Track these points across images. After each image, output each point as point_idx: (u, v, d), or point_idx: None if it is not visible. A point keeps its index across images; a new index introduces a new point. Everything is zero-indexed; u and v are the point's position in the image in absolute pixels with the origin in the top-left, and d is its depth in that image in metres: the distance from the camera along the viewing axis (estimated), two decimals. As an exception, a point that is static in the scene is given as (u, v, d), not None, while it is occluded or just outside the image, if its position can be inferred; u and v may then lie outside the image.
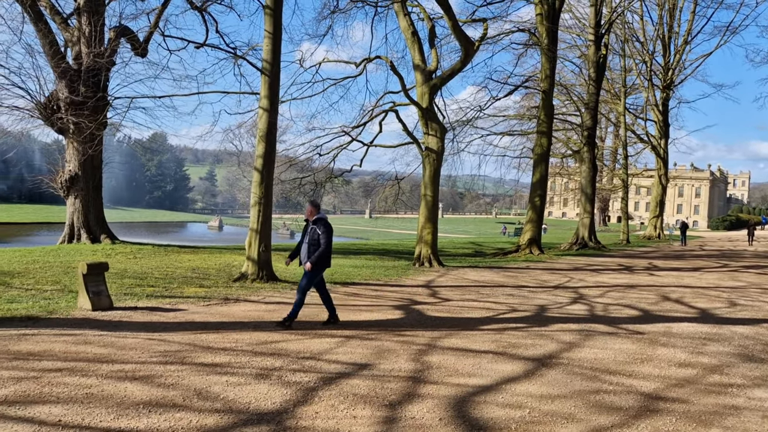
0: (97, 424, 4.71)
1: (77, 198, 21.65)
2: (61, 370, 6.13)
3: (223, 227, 63.16)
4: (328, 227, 8.97)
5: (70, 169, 21.63)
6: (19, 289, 11.63)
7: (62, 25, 21.49)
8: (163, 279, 13.90)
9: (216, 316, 9.70)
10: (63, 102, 20.49)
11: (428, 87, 20.08)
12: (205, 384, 5.86)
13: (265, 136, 14.12)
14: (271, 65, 14.16)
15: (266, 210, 14.21)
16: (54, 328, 8.18)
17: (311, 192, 23.70)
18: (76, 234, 21.82)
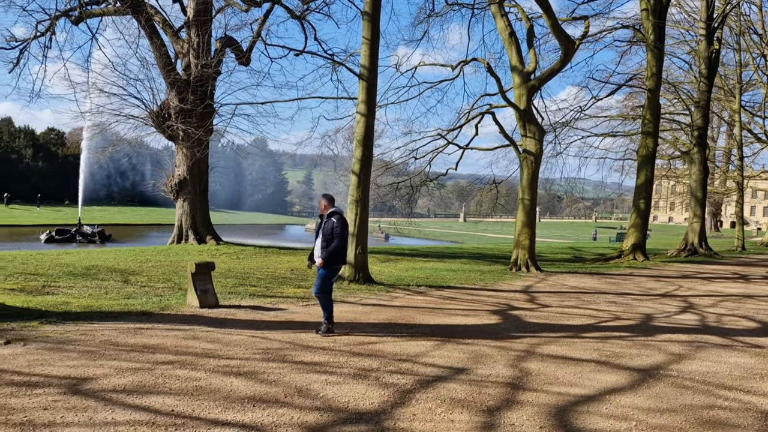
0: (206, 415, 4.93)
1: (185, 201, 22.88)
2: (172, 363, 6.47)
3: (320, 230, 64.71)
4: (342, 221, 8.44)
5: (179, 174, 22.90)
6: (135, 286, 12.43)
7: (173, 38, 22.81)
8: (264, 279, 14.42)
9: (314, 316, 9.92)
10: (173, 110, 21.73)
11: (526, 88, 19.67)
12: (305, 382, 6.00)
13: (362, 141, 14.34)
14: (369, 70, 14.36)
15: (363, 213, 14.41)
16: (166, 324, 8.67)
17: (407, 196, 23.82)
18: (184, 235, 23.07)
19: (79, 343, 7.24)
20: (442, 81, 23.11)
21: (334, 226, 8.28)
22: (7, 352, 6.66)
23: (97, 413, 4.85)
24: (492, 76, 19.83)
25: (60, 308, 9.35)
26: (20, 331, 7.68)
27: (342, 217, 8.46)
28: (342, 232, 8.32)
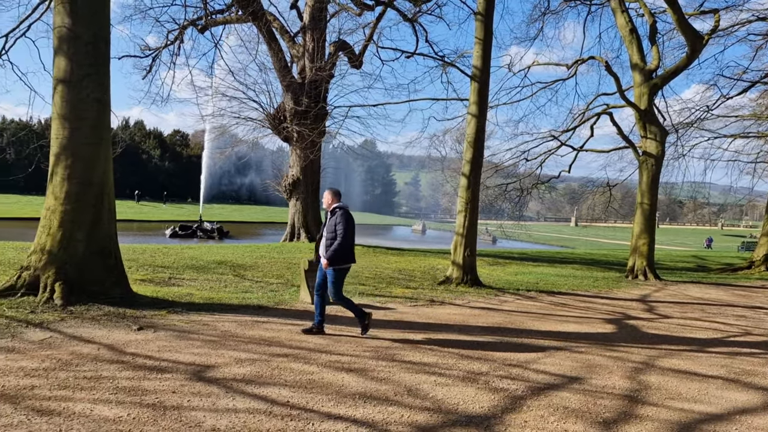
0: (319, 408, 5.06)
1: (298, 200, 23.70)
2: (287, 356, 6.71)
3: (426, 231, 64.87)
4: (347, 217, 7.74)
5: (293, 174, 23.76)
6: (251, 281, 13.01)
7: (290, 43, 23.71)
8: (372, 278, 14.64)
9: (422, 317, 9.95)
10: (288, 112, 22.59)
11: (647, 87, 18.70)
12: (415, 382, 6.01)
13: (473, 142, 14.21)
14: (481, 71, 14.21)
15: (472, 215, 14.28)
16: (280, 318, 9.01)
17: (516, 198, 23.37)
18: (296, 233, 23.90)
19: (202, 332, 7.68)
20: (556, 81, 22.50)
21: (337, 223, 7.67)
22: (140, 337, 7.18)
23: (220, 399, 5.11)
24: (610, 74, 19.02)
25: (185, 299, 9.95)
26: (151, 318, 8.25)
27: (346, 212, 7.78)
28: (345, 230, 7.62)
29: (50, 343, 6.65)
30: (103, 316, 8.14)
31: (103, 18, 9.33)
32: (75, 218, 8.90)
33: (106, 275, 9.10)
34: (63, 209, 8.90)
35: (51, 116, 9.40)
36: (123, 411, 4.69)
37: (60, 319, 7.77)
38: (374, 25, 22.89)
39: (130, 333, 7.36)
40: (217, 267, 14.97)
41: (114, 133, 9.79)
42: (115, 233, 9.61)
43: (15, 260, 13.05)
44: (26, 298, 8.56)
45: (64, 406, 4.70)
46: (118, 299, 8.97)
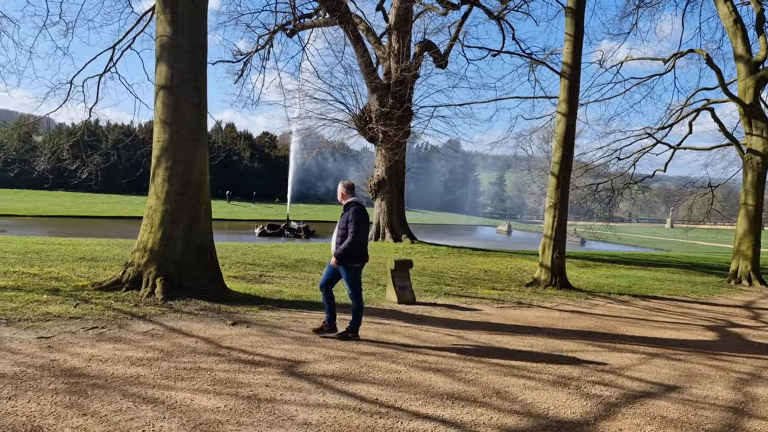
0: (407, 407, 5.08)
1: (383, 200, 23.90)
2: (374, 355, 6.78)
3: (512, 232, 63.81)
4: (359, 212, 7.24)
5: (378, 174, 23.98)
6: (338, 279, 13.23)
7: (375, 45, 23.95)
8: (458, 279, 14.55)
9: (509, 319, 9.79)
10: (374, 113, 22.82)
11: (753, 80, 17.58)
12: (503, 384, 5.92)
13: (562, 141, 13.84)
14: (571, 68, 13.83)
15: (561, 216, 13.92)
16: (366, 316, 9.09)
17: (606, 198, 22.58)
18: (381, 233, 24.10)
19: (292, 329, 7.88)
20: (652, 76, 21.52)
21: (349, 220, 7.20)
22: (234, 332, 7.46)
23: (310, 395, 5.23)
24: (712, 68, 18.02)
25: (275, 296, 10.26)
26: (244, 314, 8.56)
27: (359, 208, 7.29)
28: (357, 228, 7.15)
29: (153, 335, 7.02)
30: (200, 310, 8.51)
31: (201, 27, 9.78)
32: (175, 217, 9.37)
33: (203, 272, 9.52)
34: (164, 209, 9.39)
35: (153, 121, 9.93)
36: (220, 402, 4.89)
37: (161, 312, 8.20)
38: (460, 24, 22.76)
39: (225, 327, 7.67)
40: (304, 265, 15.32)
41: (208, 136, 10.22)
42: (211, 232, 10.04)
43: (119, 256, 13.89)
44: (130, 292, 9.09)
45: (166, 395, 4.95)
46: (213, 295, 9.36)
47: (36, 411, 4.42)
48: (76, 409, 4.53)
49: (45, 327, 6.99)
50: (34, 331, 6.80)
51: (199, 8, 9.71)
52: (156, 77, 9.66)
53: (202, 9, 9.77)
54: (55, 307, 8.01)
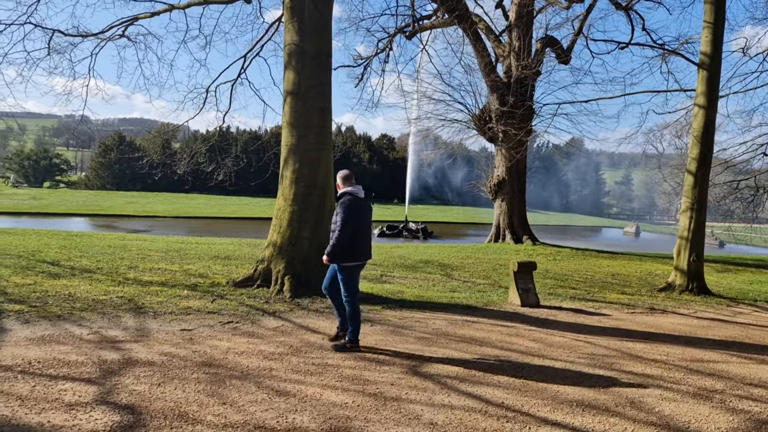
0: (535, 412, 4.94)
1: (503, 201, 23.48)
2: (499, 358, 6.66)
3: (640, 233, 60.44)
4: (347, 206, 6.50)
5: (498, 174, 23.61)
6: (458, 281, 13.16)
7: (495, 43, 23.60)
8: (583, 282, 13.99)
9: (641, 325, 9.27)
10: (494, 113, 22.49)
11: None
12: (637, 394, 5.61)
13: (700, 137, 12.92)
14: (711, 58, 12.86)
15: (699, 217, 12.98)
16: (489, 318, 8.98)
17: (750, 198, 20.79)
18: (501, 234, 23.69)
19: (415, 329, 7.93)
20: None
21: (337, 213, 6.59)
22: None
23: (435, 395, 5.23)
24: None
25: (397, 296, 10.37)
26: (368, 313, 8.73)
27: (350, 200, 6.57)
28: (343, 222, 6.45)
29: (282, 331, 7.33)
30: (326, 308, 8.78)
31: (326, 34, 10.10)
32: (302, 217, 9.74)
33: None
34: (291, 209, 9.79)
35: (279, 126, 10.38)
36: (348, 398, 5.01)
37: (289, 309, 8.55)
38: (584, 17, 21.89)
39: (349, 325, 7.85)
40: (424, 266, 15.38)
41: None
42: (335, 232, 10.32)
43: (250, 255, 14.65)
44: (261, 289, 9.55)
45: (297, 389, 5.15)
46: (338, 293, 9.61)
47: (182, 398, 4.76)
48: (216, 398, 4.82)
49: (186, 320, 7.51)
50: (177, 323, 7.32)
51: (325, 16, 10.03)
52: (284, 83, 10.10)
53: (327, 17, 10.09)
54: (194, 301, 8.59)
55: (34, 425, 4.05)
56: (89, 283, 9.49)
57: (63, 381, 4.96)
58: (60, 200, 50.87)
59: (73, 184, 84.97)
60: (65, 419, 4.18)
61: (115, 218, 39.80)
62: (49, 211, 41.11)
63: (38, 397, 4.56)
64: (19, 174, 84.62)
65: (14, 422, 4.08)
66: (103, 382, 5.00)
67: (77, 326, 6.83)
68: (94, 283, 9.46)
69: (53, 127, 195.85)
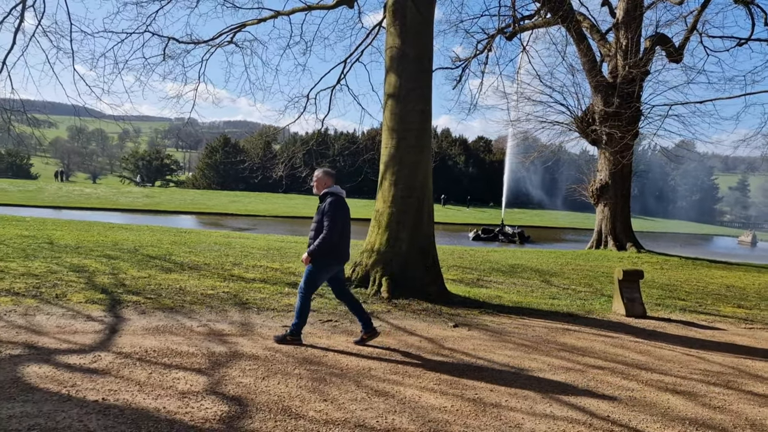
0: (644, 428, 4.70)
1: (606, 206, 22.59)
2: (602, 369, 6.39)
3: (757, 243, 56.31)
4: (337, 204, 6.37)
5: (600, 179, 22.74)
6: (557, 287, 12.79)
7: (600, 42, 22.76)
8: (694, 293, 13.20)
9: (762, 342, 8.61)
10: (597, 114, 21.68)
11: None
12: (760, 416, 5.21)
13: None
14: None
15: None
16: (592, 327, 8.65)
17: None
18: (603, 240, 22.80)
19: (514, 335, 7.77)
20: None
21: (325, 212, 6.36)
22: (456, 334, 7.56)
23: (536, 404, 5.08)
24: None
25: (494, 301, 10.21)
26: (465, 317, 8.64)
27: (337, 199, 6.44)
28: (332, 223, 6.28)
29: (380, 330, 7.39)
30: (422, 311, 8.77)
31: (427, 37, 10.11)
32: (400, 220, 9.79)
33: (425, 273, 9.80)
34: (390, 212, 9.86)
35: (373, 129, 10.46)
36: (447, 402, 4.97)
37: (387, 310, 8.61)
38: (699, 13, 20.69)
39: (446, 329, 7.80)
40: (522, 271, 15.06)
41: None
42: (433, 234, 10.31)
43: (348, 255, 14.90)
44: (359, 289, 9.68)
45: (396, 390, 5.16)
46: (434, 296, 9.58)
47: (285, 392, 4.89)
48: (318, 394, 4.92)
49: (288, 317, 7.72)
50: (279, 319, 7.55)
51: (427, 19, 10.05)
52: (385, 87, 10.19)
53: (429, 20, 10.10)
54: (295, 299, 8.81)
55: (151, 410, 4.29)
56: (197, 277, 9.99)
57: (176, 370, 5.23)
58: (170, 198, 53.97)
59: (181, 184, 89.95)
60: (179, 406, 4.40)
61: (219, 216, 41.74)
62: (160, 208, 43.72)
63: (154, 384, 4.83)
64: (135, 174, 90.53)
65: (134, 406, 4.34)
66: (212, 373, 5.22)
67: (188, 318, 7.20)
68: (202, 278, 9.94)
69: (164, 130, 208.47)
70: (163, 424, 4.07)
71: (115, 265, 10.54)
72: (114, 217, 33.99)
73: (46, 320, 6.57)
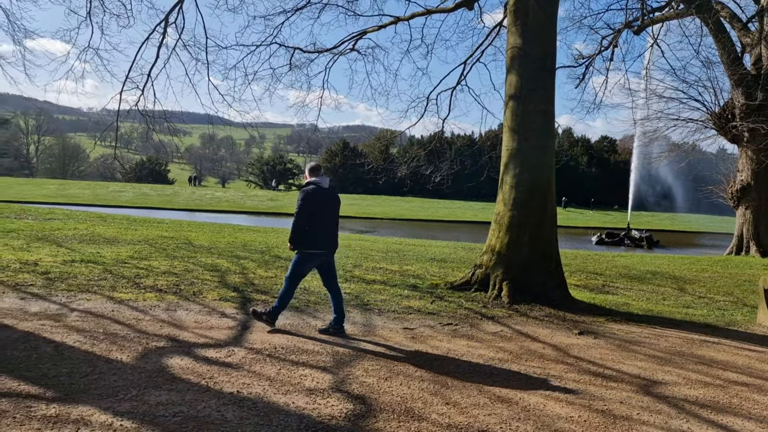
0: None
1: (748, 209, 20.87)
2: (747, 385, 5.89)
3: None
4: (305, 194, 6.62)
5: (741, 179, 21.04)
6: (692, 296, 11.96)
7: (741, 32, 21.07)
8: None
9: None
10: (738, 109, 20.07)
11: None
12: None
13: None
14: None
15: None
16: (733, 340, 8.00)
17: None
18: (744, 246, 21.08)
19: (644, 345, 7.35)
20: None
21: (297, 200, 6.68)
22: (581, 342, 7.27)
23: (671, 419, 4.77)
24: None
25: (622, 308, 9.72)
26: (590, 324, 8.30)
27: (312, 189, 6.66)
28: (298, 210, 6.59)
29: (502, 336, 7.26)
30: (545, 317, 8.53)
31: (550, 36, 9.83)
32: (521, 223, 9.57)
33: (547, 278, 9.52)
34: (510, 214, 9.67)
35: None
36: (573, 412, 4.78)
37: (507, 315, 8.45)
38: None
39: (571, 336, 7.53)
40: (652, 277, 14.23)
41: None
42: (556, 238, 9.99)
43: (465, 258, 14.80)
44: (478, 293, 9.58)
45: (519, 397, 5.04)
46: (558, 302, 9.28)
47: (407, 394, 4.93)
48: (440, 397, 4.91)
49: (408, 319, 7.78)
50: (399, 321, 7.63)
51: (549, 17, 9.77)
52: (506, 87, 10.02)
53: (552, 18, 9.82)
54: (414, 301, 8.88)
55: (281, 405, 4.48)
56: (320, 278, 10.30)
57: (303, 367, 5.43)
58: (291, 201, 56.18)
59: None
60: (306, 402, 4.56)
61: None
62: (283, 211, 45.67)
63: (283, 380, 5.04)
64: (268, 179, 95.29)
65: (266, 400, 4.55)
66: (337, 372, 5.37)
67: (312, 318, 7.45)
68: (325, 279, 10.25)
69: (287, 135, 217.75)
70: (293, 418, 4.24)
71: (244, 264, 11.13)
72: (241, 219, 35.97)
73: (186, 315, 7.06)
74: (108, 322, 6.49)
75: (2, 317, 6.33)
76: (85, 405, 4.19)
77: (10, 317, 6.35)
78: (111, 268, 9.65)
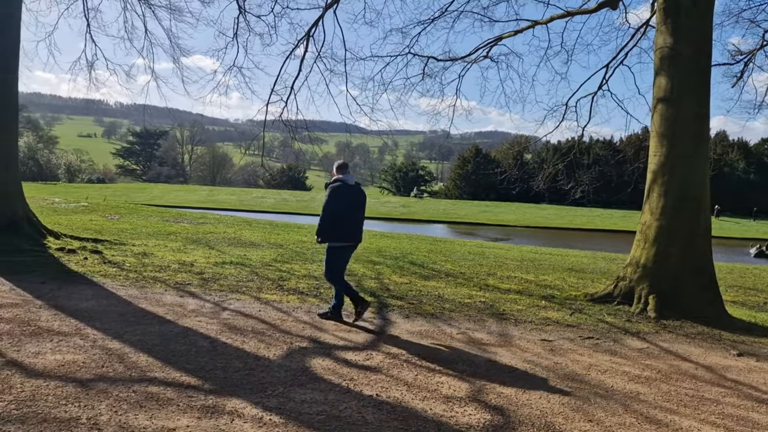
0: None
1: None
2: None
3: None
4: (332, 190, 6.99)
5: None
6: None
7: None
8: None
9: None
10: None
11: None
12: None
13: None
14: None
15: None
16: None
17: None
18: None
19: (816, 371, 6.60)
20: None
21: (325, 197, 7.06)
22: (741, 364, 6.67)
23: None
24: None
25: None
26: (750, 345, 7.59)
27: (335, 186, 7.01)
28: (326, 203, 6.94)
29: (648, 353, 6.84)
30: (697, 334, 7.92)
31: (705, 32, 9.16)
32: (670, 233, 8.98)
33: (700, 293, 8.84)
34: (658, 224, 9.10)
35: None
36: (733, 441, 4.40)
37: (654, 331, 7.94)
38: None
39: (728, 357, 6.94)
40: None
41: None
42: (710, 250, 9.26)
43: (605, 269, 14.13)
44: (621, 306, 9.10)
45: (670, 419, 4.73)
46: (711, 319, 8.58)
47: (547, 408, 4.78)
48: (582, 413, 4.72)
49: (546, 330, 7.56)
50: (537, 333, 7.43)
51: (704, 14, 9.10)
52: (654, 90, 9.46)
53: (706, 14, 9.14)
54: (552, 313, 8.60)
55: (419, 410, 4.52)
56: (454, 285, 10.30)
57: (439, 374, 5.44)
58: (423, 208, 56.64)
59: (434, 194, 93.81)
60: (444, 410, 4.57)
61: (470, 226, 42.67)
62: (415, 217, 46.16)
63: (420, 386, 5.09)
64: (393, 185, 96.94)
65: (404, 405, 4.62)
66: (473, 381, 5.33)
67: (447, 325, 7.45)
68: (459, 287, 10.22)
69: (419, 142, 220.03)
70: (431, 424, 4.26)
71: (379, 270, 11.37)
72: (375, 225, 36.80)
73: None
74: (255, 321, 6.91)
75: (165, 313, 6.94)
76: (238, 398, 4.48)
77: (172, 314, 6.95)
78: (257, 270, 10.27)
